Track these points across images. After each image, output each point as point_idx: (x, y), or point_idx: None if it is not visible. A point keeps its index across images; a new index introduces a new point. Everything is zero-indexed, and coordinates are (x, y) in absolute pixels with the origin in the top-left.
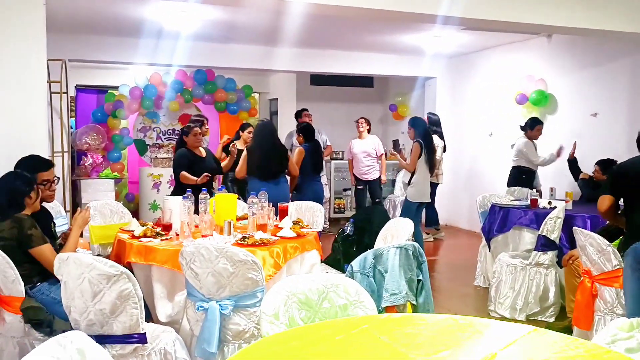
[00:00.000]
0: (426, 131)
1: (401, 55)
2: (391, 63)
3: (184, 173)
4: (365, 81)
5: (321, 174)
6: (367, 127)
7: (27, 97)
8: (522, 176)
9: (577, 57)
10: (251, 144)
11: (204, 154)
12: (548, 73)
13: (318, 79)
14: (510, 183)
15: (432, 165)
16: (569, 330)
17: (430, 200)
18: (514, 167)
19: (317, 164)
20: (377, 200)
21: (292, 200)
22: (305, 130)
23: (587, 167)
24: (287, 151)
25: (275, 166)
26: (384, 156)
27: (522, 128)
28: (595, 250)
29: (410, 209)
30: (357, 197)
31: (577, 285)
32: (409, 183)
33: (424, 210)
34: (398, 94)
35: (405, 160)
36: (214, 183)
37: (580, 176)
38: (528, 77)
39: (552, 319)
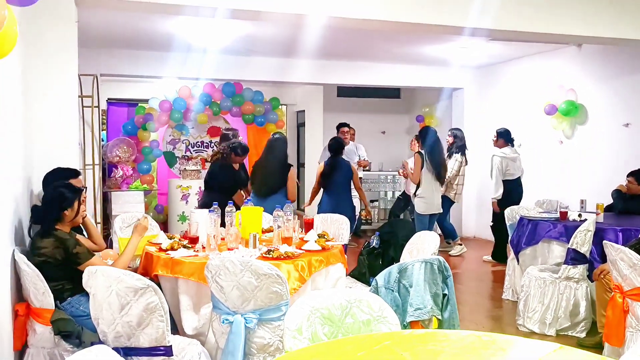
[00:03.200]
0: (431, 142)
1: (428, 66)
2: (418, 74)
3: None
4: (392, 92)
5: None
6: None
7: (60, 112)
8: None
9: (608, 66)
10: (259, 159)
11: (237, 166)
12: (578, 82)
13: (345, 91)
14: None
15: (440, 176)
16: (600, 347)
17: (442, 211)
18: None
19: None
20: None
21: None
22: (329, 147)
23: (621, 179)
24: (287, 173)
25: (268, 184)
26: None
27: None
28: (627, 265)
29: (423, 222)
30: (394, 206)
31: (608, 300)
32: (415, 195)
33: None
34: (425, 105)
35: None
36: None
37: (618, 186)
38: (558, 87)
39: (583, 335)
